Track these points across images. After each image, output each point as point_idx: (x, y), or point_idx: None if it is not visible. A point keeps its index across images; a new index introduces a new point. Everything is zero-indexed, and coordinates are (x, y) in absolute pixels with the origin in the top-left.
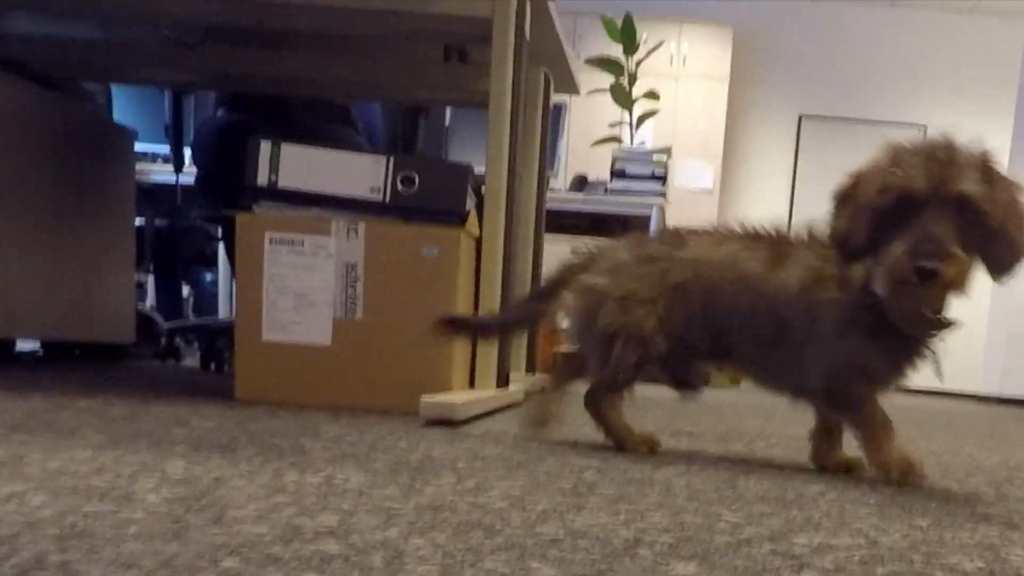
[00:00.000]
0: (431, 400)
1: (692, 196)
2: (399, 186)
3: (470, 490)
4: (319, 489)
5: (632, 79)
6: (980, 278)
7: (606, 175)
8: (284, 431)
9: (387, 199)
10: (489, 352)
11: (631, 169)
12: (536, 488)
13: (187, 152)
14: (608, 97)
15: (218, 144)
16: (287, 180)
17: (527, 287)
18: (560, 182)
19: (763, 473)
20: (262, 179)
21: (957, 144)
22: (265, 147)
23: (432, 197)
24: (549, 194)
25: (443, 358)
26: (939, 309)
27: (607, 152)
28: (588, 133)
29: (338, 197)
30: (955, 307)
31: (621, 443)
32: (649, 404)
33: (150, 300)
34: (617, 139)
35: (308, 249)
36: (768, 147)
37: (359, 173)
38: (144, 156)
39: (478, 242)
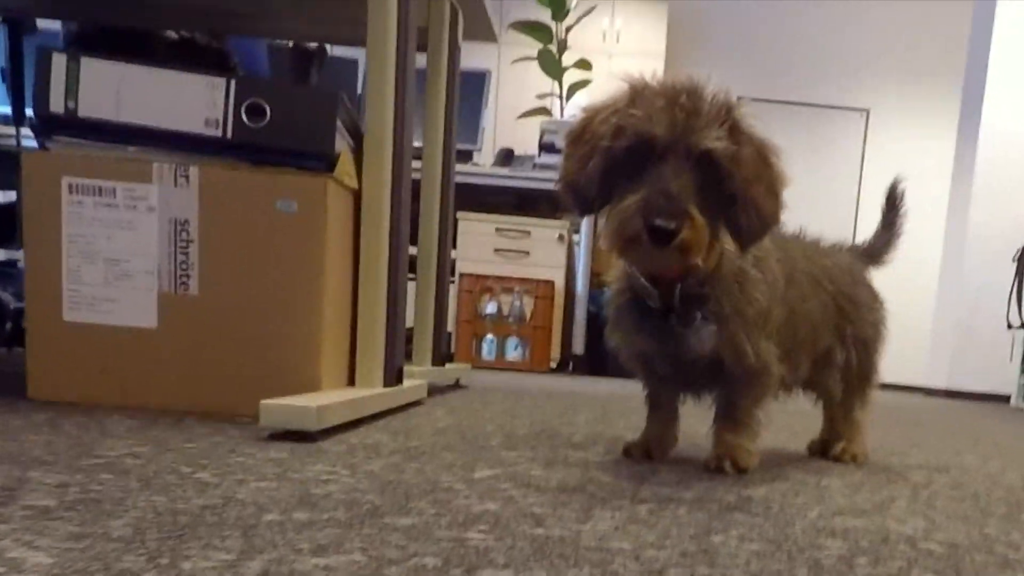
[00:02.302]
0: (275, 404)
1: None
2: (244, 118)
3: None
4: None
5: (562, 46)
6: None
7: (534, 150)
8: (31, 452)
9: (228, 135)
10: (374, 340)
11: (561, 142)
12: (373, 575)
13: None
14: (537, 68)
15: None
16: (91, 107)
17: (431, 265)
18: (485, 157)
19: (744, 515)
20: (56, 105)
21: (705, 91)
22: (59, 61)
23: (289, 133)
24: (471, 168)
25: (308, 346)
26: (675, 274)
27: (536, 126)
28: (516, 106)
29: (162, 131)
30: (904, 298)
31: None
32: (582, 402)
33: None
34: (547, 111)
35: (122, 200)
36: None
37: (190, 100)
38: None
39: (357, 196)
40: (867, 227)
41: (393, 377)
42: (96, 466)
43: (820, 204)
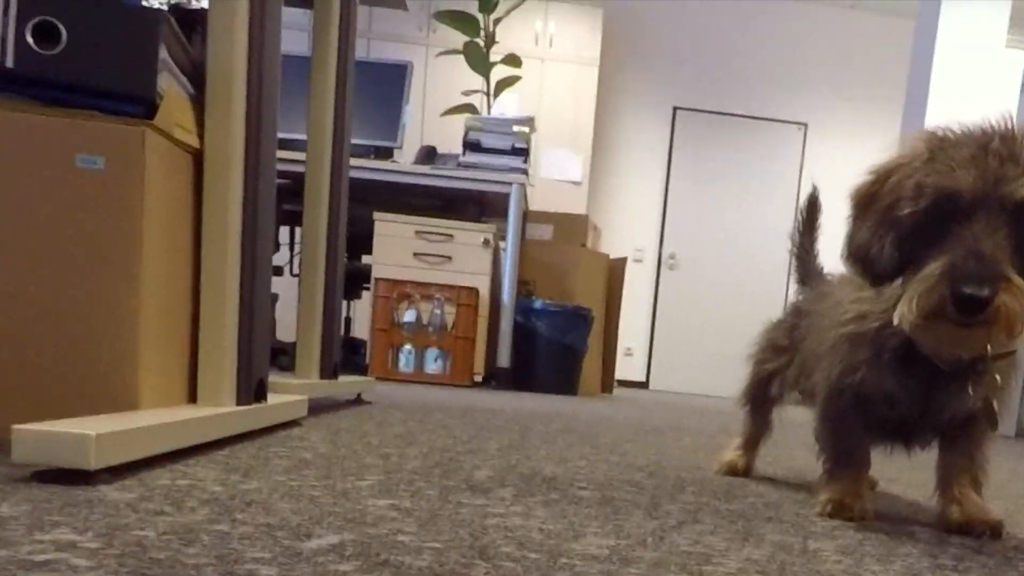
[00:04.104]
0: (31, 430)
1: (559, 187)
2: (31, 42)
3: None
4: None
5: (489, 40)
6: None
7: (459, 149)
8: None
9: (10, 64)
10: (221, 345)
11: (487, 141)
12: None
13: None
14: (464, 64)
15: None
16: None
17: (317, 265)
18: (408, 156)
19: None
20: None
21: (1021, 134)
22: None
23: (93, 64)
24: (388, 165)
25: (121, 350)
26: (983, 352)
27: (462, 124)
28: (444, 104)
29: None
30: None
31: None
32: (499, 423)
33: None
34: (472, 108)
35: None
36: (641, 139)
37: None
38: None
39: (197, 156)
40: None
41: (251, 392)
42: None
43: (758, 216)
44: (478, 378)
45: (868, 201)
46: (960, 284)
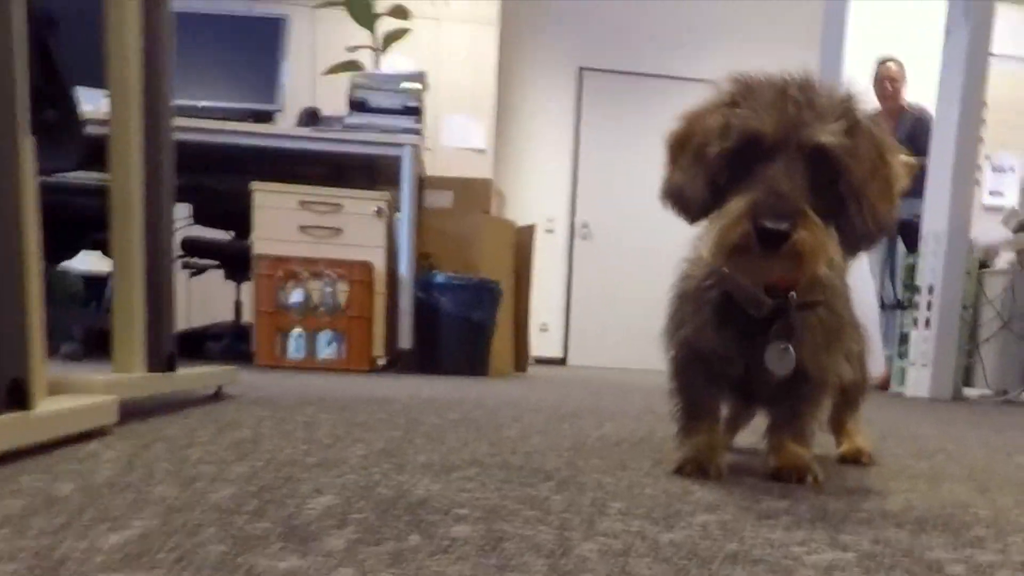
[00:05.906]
0: None
1: (462, 155)
2: None
3: None
4: None
5: None
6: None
7: (344, 110)
8: None
9: None
10: None
11: (375, 100)
12: None
13: None
14: (347, 19)
15: None
16: None
17: (132, 242)
18: (291, 120)
19: None
20: None
21: (817, 83)
22: None
23: None
24: (268, 129)
25: None
26: (787, 287)
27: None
28: (329, 63)
29: None
30: None
31: None
32: (384, 416)
33: None
34: (357, 65)
35: None
36: (547, 102)
37: None
38: None
39: None
40: None
41: (13, 398)
42: None
43: None
44: (382, 361)
45: (681, 143)
46: (762, 218)
